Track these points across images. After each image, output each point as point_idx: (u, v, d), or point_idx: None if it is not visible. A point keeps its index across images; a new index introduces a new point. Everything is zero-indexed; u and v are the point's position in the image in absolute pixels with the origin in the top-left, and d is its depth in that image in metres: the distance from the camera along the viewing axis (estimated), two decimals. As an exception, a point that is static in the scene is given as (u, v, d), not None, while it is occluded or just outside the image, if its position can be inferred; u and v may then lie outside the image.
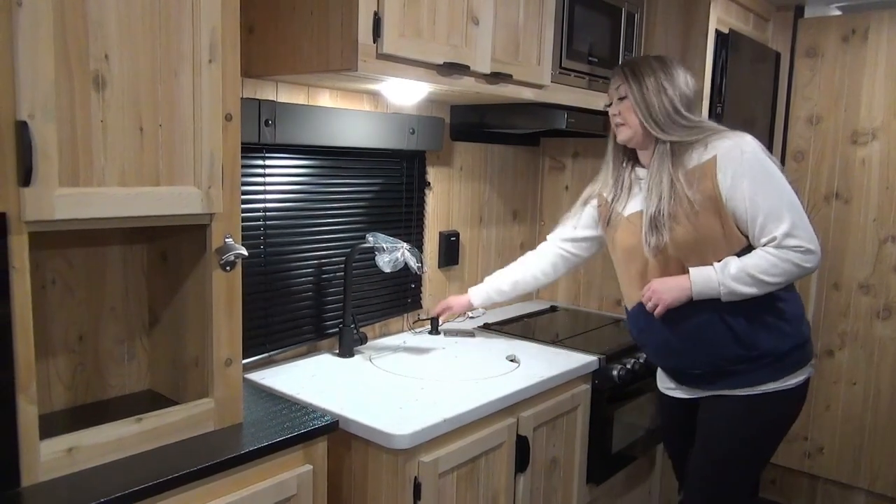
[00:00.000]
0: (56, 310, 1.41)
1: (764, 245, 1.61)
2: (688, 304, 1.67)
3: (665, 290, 1.67)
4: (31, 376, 1.12)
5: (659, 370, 1.94)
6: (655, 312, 1.69)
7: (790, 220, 1.59)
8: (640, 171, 1.81)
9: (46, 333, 1.39)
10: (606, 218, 1.88)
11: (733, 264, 1.62)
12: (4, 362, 1.09)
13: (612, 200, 1.85)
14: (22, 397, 1.12)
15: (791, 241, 1.59)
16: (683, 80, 1.73)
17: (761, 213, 1.60)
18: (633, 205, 1.79)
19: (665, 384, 1.91)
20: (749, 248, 1.65)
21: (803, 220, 1.61)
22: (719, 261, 1.64)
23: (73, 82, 1.12)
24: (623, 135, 1.77)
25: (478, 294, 2.13)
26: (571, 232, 2.07)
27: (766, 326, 1.68)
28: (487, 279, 2.15)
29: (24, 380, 1.12)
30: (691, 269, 1.65)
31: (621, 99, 1.75)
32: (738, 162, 1.61)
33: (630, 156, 1.85)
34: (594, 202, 1.96)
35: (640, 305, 1.76)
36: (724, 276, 1.61)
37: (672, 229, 1.65)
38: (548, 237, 2.14)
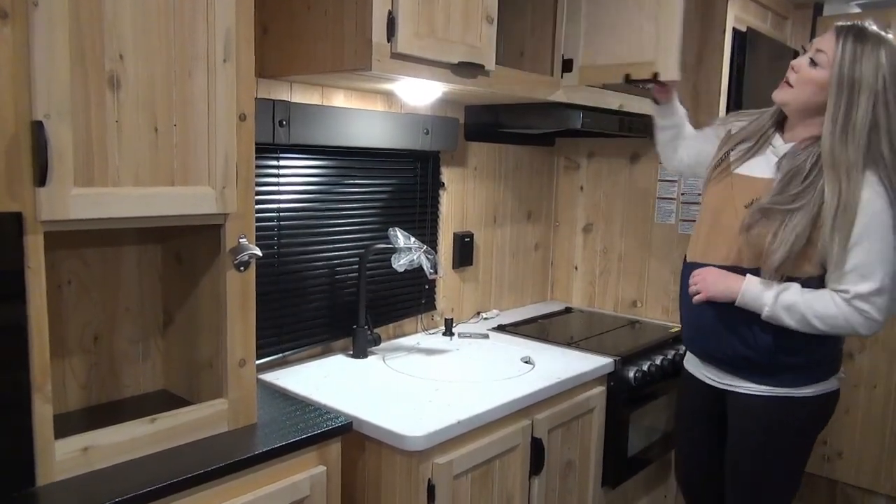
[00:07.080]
0: (72, 310, 1.41)
1: (834, 290, 1.52)
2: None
3: (714, 285, 1.63)
4: (46, 376, 1.13)
5: (688, 353, 1.88)
6: (695, 299, 1.67)
7: (875, 285, 1.48)
8: (777, 144, 1.66)
9: (62, 333, 1.40)
10: (719, 158, 1.75)
11: (790, 295, 1.54)
12: (20, 362, 1.10)
13: (734, 145, 1.72)
14: (37, 397, 1.12)
15: (863, 305, 1.49)
16: None
17: (851, 262, 1.49)
18: (747, 167, 1.68)
19: (693, 366, 1.86)
20: (819, 280, 1.57)
21: (887, 289, 1.50)
22: (786, 274, 1.55)
23: (88, 82, 1.12)
24: (782, 95, 1.61)
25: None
26: (696, 130, 1.95)
27: (783, 348, 1.62)
28: None
29: (40, 379, 1.12)
30: (749, 279, 1.59)
31: (814, 65, 1.54)
32: (865, 213, 1.48)
33: (780, 126, 1.69)
34: (728, 129, 1.80)
35: (694, 266, 1.72)
36: (776, 304, 1.55)
37: (785, 224, 1.53)
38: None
